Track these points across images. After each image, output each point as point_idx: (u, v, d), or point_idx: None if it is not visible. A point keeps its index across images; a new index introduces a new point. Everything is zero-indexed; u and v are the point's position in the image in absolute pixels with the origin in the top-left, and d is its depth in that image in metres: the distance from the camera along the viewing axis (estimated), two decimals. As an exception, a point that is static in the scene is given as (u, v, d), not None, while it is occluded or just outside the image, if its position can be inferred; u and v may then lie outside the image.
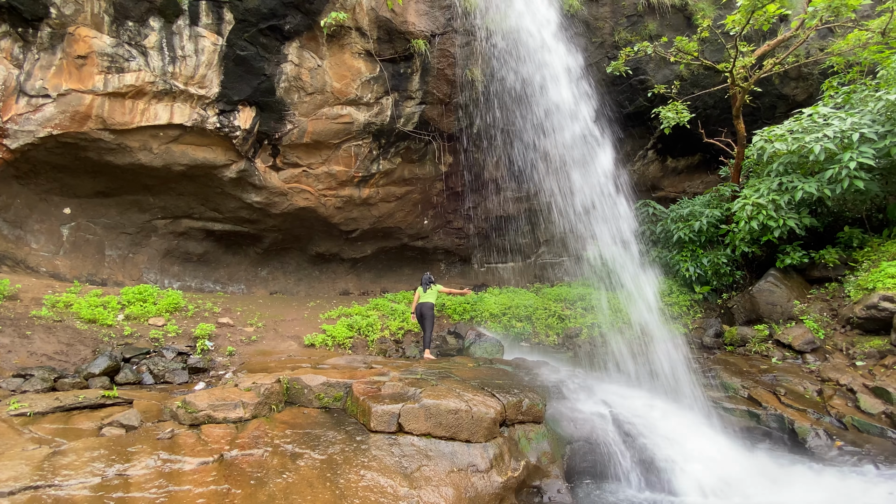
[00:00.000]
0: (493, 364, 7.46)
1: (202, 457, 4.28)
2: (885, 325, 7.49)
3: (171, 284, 10.74)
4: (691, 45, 9.85)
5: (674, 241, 10.99)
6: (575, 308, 10.95)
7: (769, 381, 7.35)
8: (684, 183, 13.86)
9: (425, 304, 8.79)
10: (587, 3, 10.75)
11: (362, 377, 5.95)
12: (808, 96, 11.95)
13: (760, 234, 9.16)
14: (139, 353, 7.36)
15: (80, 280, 9.50)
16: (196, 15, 8.39)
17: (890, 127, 7.90)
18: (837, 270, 9.03)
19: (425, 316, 8.70)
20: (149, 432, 4.67)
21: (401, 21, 9.40)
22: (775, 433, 6.36)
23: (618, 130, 11.40)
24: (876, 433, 6.10)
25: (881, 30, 8.92)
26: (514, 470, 4.87)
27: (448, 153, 11.41)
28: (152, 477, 3.95)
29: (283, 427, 4.96)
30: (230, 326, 9.04)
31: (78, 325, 7.75)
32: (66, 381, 6.09)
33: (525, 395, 5.68)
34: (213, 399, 5.10)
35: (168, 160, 9.33)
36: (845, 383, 6.98)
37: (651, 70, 11.38)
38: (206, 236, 11.06)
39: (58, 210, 9.53)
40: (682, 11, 11.25)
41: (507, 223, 13.05)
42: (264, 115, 9.47)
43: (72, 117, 8.29)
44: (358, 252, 12.64)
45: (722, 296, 10.41)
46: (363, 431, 4.96)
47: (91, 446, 4.28)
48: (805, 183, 8.48)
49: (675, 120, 10.22)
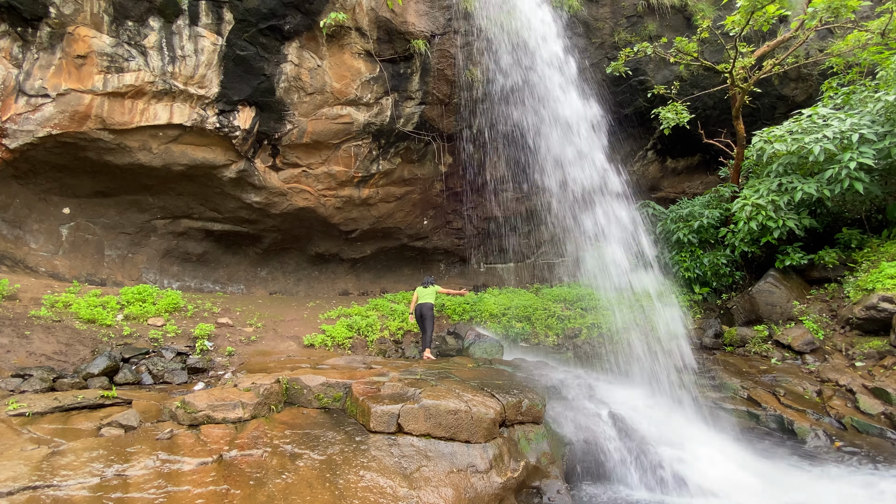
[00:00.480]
0: (492, 364, 7.46)
1: (201, 457, 4.28)
2: (884, 326, 7.50)
3: (170, 284, 10.73)
4: (691, 46, 9.85)
5: (673, 242, 10.99)
6: (574, 308, 10.94)
7: (769, 381, 7.35)
8: (684, 183, 13.87)
9: (425, 304, 8.79)
10: (587, 4, 10.75)
11: (362, 377, 5.95)
12: (807, 97, 11.96)
13: (760, 234, 9.16)
14: (138, 354, 7.34)
15: (80, 280, 9.49)
16: (196, 15, 8.38)
17: (889, 128, 7.91)
18: (837, 271, 9.04)
19: (425, 316, 8.69)
20: (148, 432, 4.66)
21: (401, 21, 9.40)
22: (775, 434, 6.36)
23: (618, 131, 11.40)
24: (875, 434, 6.10)
25: (881, 31, 8.93)
26: (513, 470, 4.87)
27: (448, 153, 11.41)
28: (151, 477, 3.94)
29: (283, 427, 4.96)
30: (229, 326, 9.03)
31: (77, 325, 7.74)
32: (65, 382, 6.08)
33: (524, 396, 5.68)
34: (213, 399, 5.09)
35: (167, 160, 9.33)
36: (845, 384, 6.98)
37: (651, 71, 11.38)
38: (206, 236, 11.06)
39: (57, 210, 9.52)
40: (682, 12, 11.25)
41: (507, 223, 13.05)
42: (264, 115, 9.47)
43: (71, 117, 8.28)
44: (357, 252, 12.64)
45: (721, 296, 10.42)
46: (362, 432, 4.96)
47: (90, 446, 4.27)
48: (804, 184, 8.48)
49: (675, 120, 10.23)
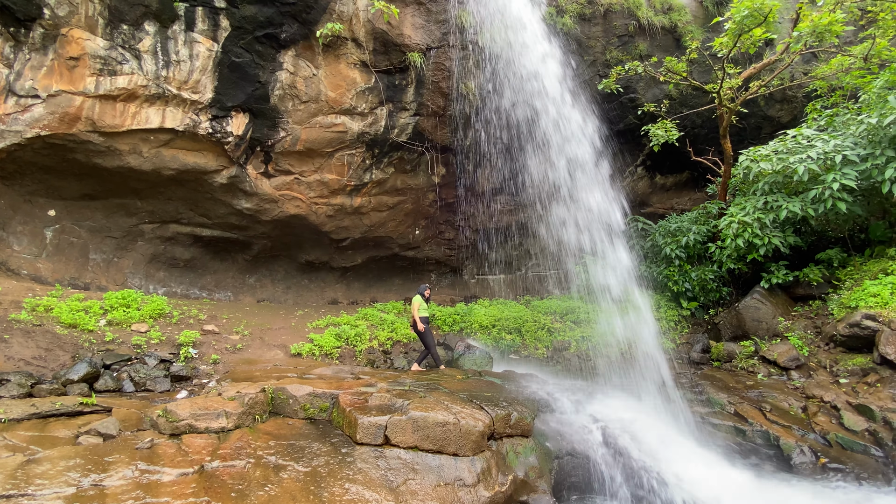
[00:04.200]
0: (482, 376, 7.42)
1: (182, 468, 4.17)
2: (867, 343, 7.61)
3: (156, 290, 10.55)
4: (680, 66, 10.08)
5: (662, 257, 11.11)
6: (564, 321, 10.97)
7: (755, 397, 7.40)
8: (672, 200, 14.08)
9: (420, 318, 8.63)
10: (580, 23, 10.97)
11: (349, 388, 5.87)
12: (792, 118, 12.27)
13: (746, 251, 9.30)
14: (120, 360, 7.18)
15: (63, 284, 9.30)
16: (192, 20, 8.39)
17: (871, 150, 8.12)
18: (821, 288, 9.19)
19: (420, 331, 8.57)
20: (127, 441, 4.54)
21: (397, 34, 9.50)
22: (761, 449, 6.38)
23: (608, 146, 11.58)
24: (859, 450, 6.15)
25: (863, 56, 9.23)
26: (501, 484, 4.82)
27: (441, 164, 11.47)
28: (129, 488, 3.83)
29: (267, 438, 4.86)
30: (215, 334, 8.89)
31: (58, 329, 7.56)
32: (43, 388, 5.92)
33: (513, 408, 5.65)
34: (196, 408, 4.99)
35: (158, 164, 9.24)
36: (829, 400, 7.05)
37: (641, 89, 11.61)
38: (194, 242, 10.93)
39: (42, 212, 9.36)
40: (672, 33, 11.54)
41: (498, 235, 13.10)
42: (258, 121, 9.45)
43: (61, 118, 8.19)
44: (348, 261, 12.57)
45: (709, 311, 10.52)
46: (349, 443, 4.88)
47: (67, 455, 4.15)
48: (789, 202, 8.65)
49: (664, 138, 10.42)
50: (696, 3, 11.91)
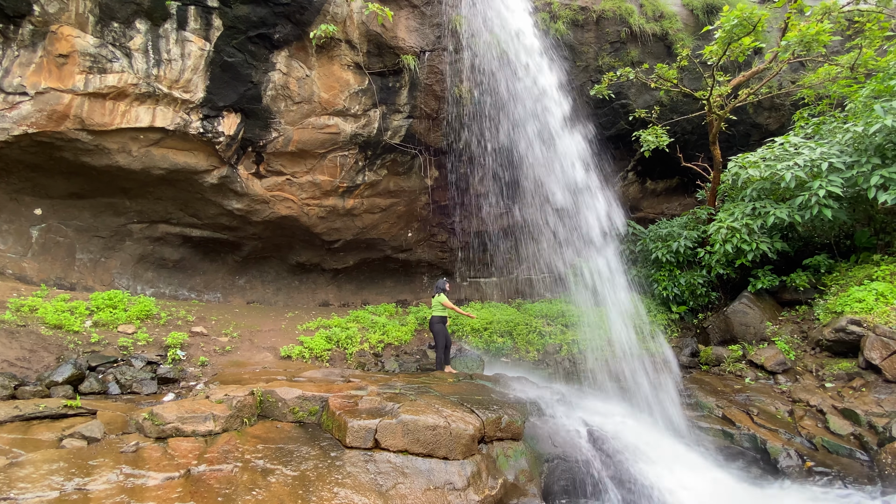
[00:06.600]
0: (473, 379, 7.42)
1: (168, 472, 4.12)
2: (852, 348, 7.73)
3: (143, 291, 10.42)
4: (671, 73, 10.20)
5: (652, 261, 11.20)
6: (555, 324, 11.00)
7: (742, 400, 7.47)
8: (663, 205, 14.21)
9: (433, 317, 8.67)
10: (573, 29, 11.06)
11: (339, 391, 5.84)
12: (780, 126, 12.46)
13: (735, 256, 9.41)
14: (106, 362, 7.07)
15: (48, 284, 9.14)
16: (184, 19, 8.33)
17: (857, 157, 8.26)
18: (807, 294, 9.32)
19: (433, 332, 8.57)
20: (112, 445, 4.47)
21: (391, 36, 9.51)
22: (749, 453, 6.44)
23: (600, 152, 11.66)
24: (845, 454, 6.23)
25: (850, 65, 9.41)
26: (491, 488, 4.81)
27: (434, 167, 11.47)
28: (114, 492, 3.77)
29: (255, 441, 4.81)
30: (204, 336, 8.79)
31: (42, 330, 7.43)
32: (26, 389, 5.82)
33: (504, 412, 5.65)
34: (182, 411, 4.93)
35: (147, 163, 9.14)
36: (815, 404, 7.14)
37: (632, 95, 11.72)
38: (183, 242, 10.81)
39: (28, 210, 9.21)
40: (663, 40, 11.67)
41: (491, 238, 13.12)
42: (249, 121, 9.39)
43: (49, 116, 8.08)
44: (339, 263, 12.52)
45: (698, 315, 10.62)
46: (338, 447, 4.85)
47: (50, 458, 4.07)
48: (777, 209, 8.77)
49: (655, 143, 10.52)
50: (687, 11, 12.06)
